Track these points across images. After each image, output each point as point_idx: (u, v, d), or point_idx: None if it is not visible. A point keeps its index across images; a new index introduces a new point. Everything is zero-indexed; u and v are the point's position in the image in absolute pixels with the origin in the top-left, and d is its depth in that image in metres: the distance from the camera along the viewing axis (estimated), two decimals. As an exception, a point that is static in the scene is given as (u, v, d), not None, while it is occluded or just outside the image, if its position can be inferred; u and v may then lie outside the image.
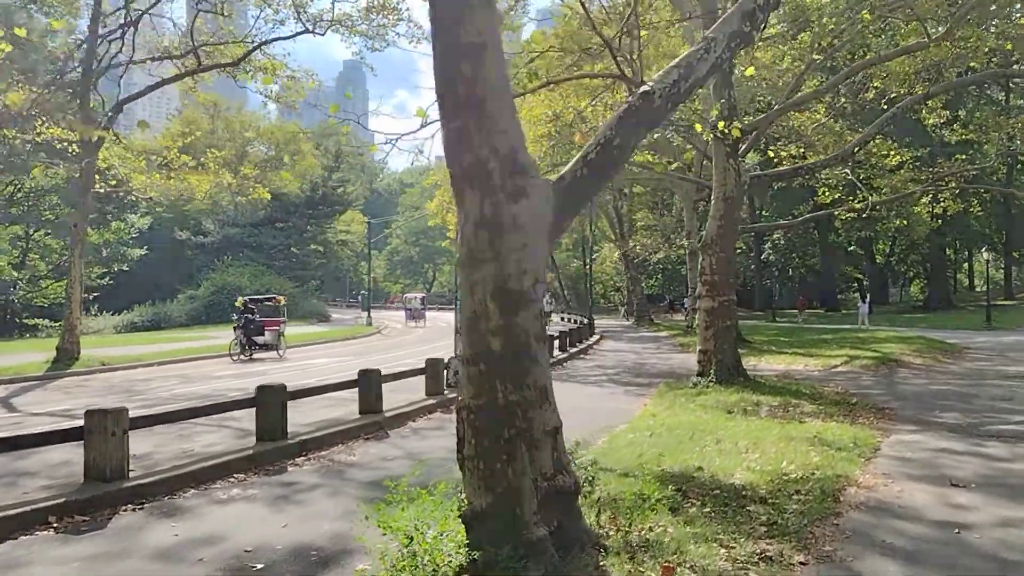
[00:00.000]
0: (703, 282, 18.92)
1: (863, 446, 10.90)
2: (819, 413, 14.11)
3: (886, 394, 17.33)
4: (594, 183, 6.38)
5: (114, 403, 18.04)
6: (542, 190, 6.11)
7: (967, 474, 9.44)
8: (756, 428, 12.51)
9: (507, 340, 5.86)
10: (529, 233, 5.96)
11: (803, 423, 13.07)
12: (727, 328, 18.78)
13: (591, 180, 6.32)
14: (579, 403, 16.97)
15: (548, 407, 6.05)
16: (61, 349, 25.93)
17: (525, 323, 5.91)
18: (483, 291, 5.91)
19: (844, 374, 21.54)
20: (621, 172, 6.64)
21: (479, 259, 5.93)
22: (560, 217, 6.22)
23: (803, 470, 9.18)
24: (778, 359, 25.72)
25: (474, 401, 5.94)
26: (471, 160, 5.97)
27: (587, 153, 6.37)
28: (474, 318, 5.96)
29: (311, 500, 9.01)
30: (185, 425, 13.34)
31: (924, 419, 13.83)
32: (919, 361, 24.11)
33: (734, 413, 14.54)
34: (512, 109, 6.17)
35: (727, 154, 18.59)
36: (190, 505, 8.86)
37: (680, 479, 8.99)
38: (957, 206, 30.90)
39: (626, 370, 24.47)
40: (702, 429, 12.64)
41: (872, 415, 14.14)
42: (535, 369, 5.96)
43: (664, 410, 15.31)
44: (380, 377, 14.53)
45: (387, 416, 14.22)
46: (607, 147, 6.34)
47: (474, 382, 5.95)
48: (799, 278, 77.75)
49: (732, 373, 18.60)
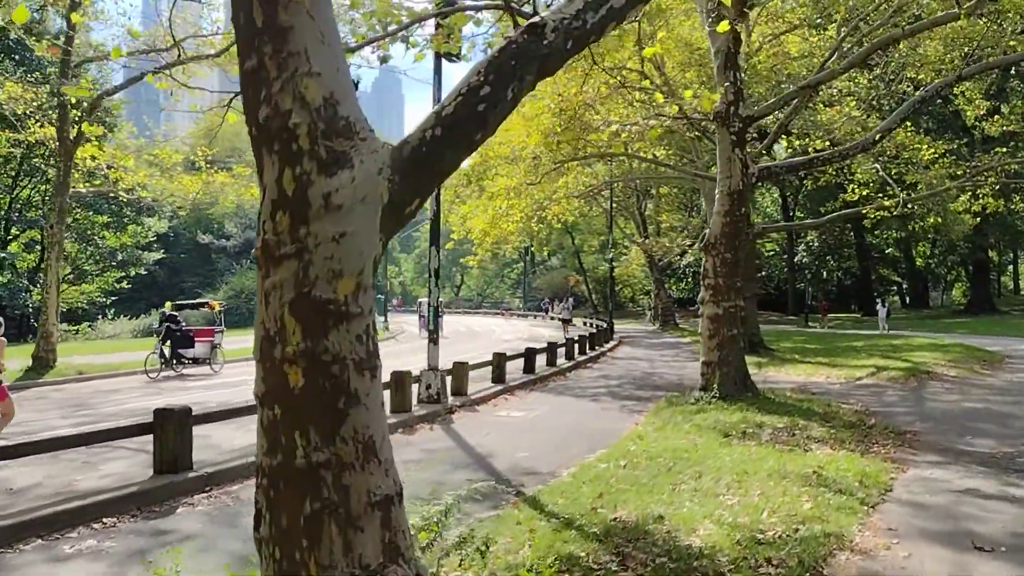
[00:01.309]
0: (706, 286, 16.98)
1: (871, 486, 8.94)
2: (828, 439, 12.14)
3: (911, 413, 15.29)
4: (453, 148, 4.52)
5: (57, 418, 16.59)
6: (374, 158, 4.32)
7: (996, 530, 7.47)
8: (749, 459, 10.59)
9: (312, 372, 4.08)
10: (350, 217, 4.18)
11: (806, 452, 11.13)
12: (733, 337, 16.81)
13: (448, 144, 4.48)
14: (563, 421, 15.17)
15: (376, 467, 4.23)
16: (36, 357, 24.53)
17: (341, 347, 4.12)
18: (279, 300, 4.14)
19: (868, 388, 19.45)
20: (493, 132, 5.05)
21: (276, 255, 4.16)
22: (403, 196, 4.40)
23: (785, 524, 7.27)
24: (799, 369, 23.63)
25: (267, 460, 4.17)
26: (268, 113, 4.21)
27: (443, 107, 4.54)
28: (268, 340, 4.18)
29: (167, 559, 7.26)
30: (102, 448, 11.77)
31: (951, 446, 11.81)
32: (953, 373, 21.91)
33: (731, 437, 12.63)
34: (336, 47, 4.38)
35: (732, 143, 16.63)
36: (18, 563, 7.16)
37: (629, 534, 7.16)
38: (998, 203, 28.52)
39: (631, 381, 22.56)
40: (687, 458, 10.79)
41: (890, 441, 12.14)
42: (356, 414, 4.16)
43: (654, 431, 13.44)
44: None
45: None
46: (471, 97, 4.51)
47: (267, 433, 4.18)
48: (836, 281, 75.17)
49: (739, 387, 16.64)
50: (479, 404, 17.40)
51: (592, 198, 46.63)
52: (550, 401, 18.35)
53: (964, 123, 39.92)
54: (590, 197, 44.94)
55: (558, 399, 18.77)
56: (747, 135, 17.11)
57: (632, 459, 10.96)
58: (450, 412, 15.95)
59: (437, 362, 16.27)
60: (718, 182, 17.04)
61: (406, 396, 15.09)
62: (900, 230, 55.37)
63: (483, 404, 17.48)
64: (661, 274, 57.97)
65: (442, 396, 16.12)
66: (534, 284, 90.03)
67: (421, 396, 16.07)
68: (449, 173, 4.71)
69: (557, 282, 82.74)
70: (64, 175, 25.18)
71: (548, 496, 9.01)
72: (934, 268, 71.07)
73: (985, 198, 28.20)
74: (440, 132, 4.46)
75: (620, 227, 61.89)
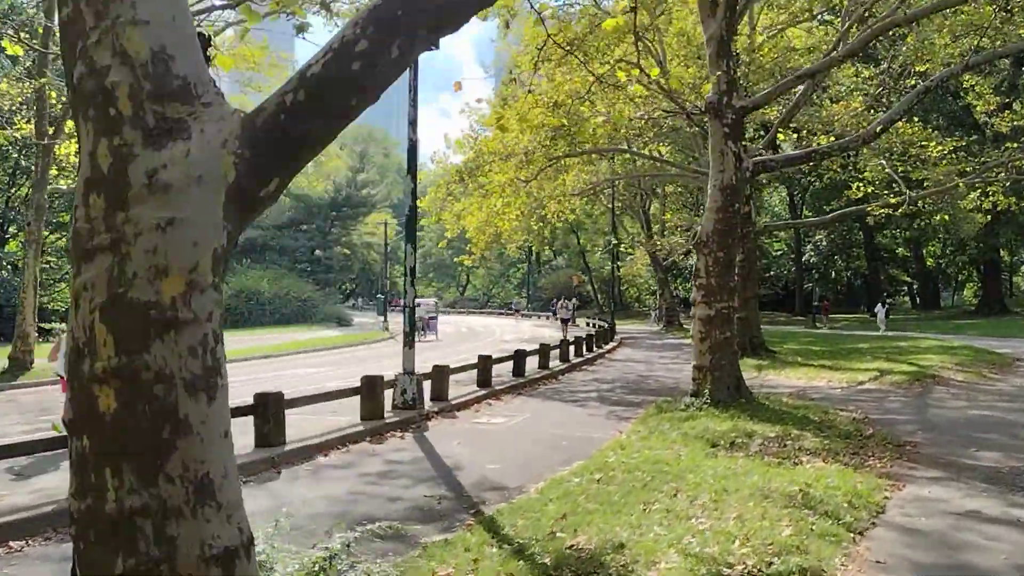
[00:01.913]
0: (698, 286, 16.11)
1: (861, 507, 8.08)
2: (821, 450, 11.27)
3: (913, 421, 14.40)
4: (322, 118, 3.66)
5: (16, 423, 15.85)
6: (218, 128, 3.48)
7: (998, 563, 6.61)
8: (732, 473, 9.75)
9: (128, 394, 3.24)
10: (181, 200, 3.34)
11: (795, 466, 10.28)
12: (726, 340, 15.96)
13: (314, 112, 3.62)
14: (544, 429, 14.34)
15: (215, 513, 3.38)
16: (12, 359, 23.85)
17: (166, 362, 3.28)
18: (89, 304, 3.31)
19: (870, 393, 18.55)
20: (374, 99, 4.29)
21: (88, 247, 3.33)
22: (255, 176, 3.55)
23: (759, 556, 6.42)
24: (800, 373, 22.71)
25: (76, 503, 3.34)
26: (82, 72, 3.38)
27: (308, 66, 3.69)
28: (76, 353, 3.35)
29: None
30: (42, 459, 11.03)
31: (954, 460, 10.93)
32: (960, 377, 20.98)
33: (718, 447, 11.81)
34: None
35: (725, 135, 15.75)
36: None
37: (582, 567, 6.36)
38: (1009, 201, 27.49)
39: (624, 385, 21.70)
40: (667, 471, 9.98)
41: (888, 454, 11.26)
42: (186, 446, 3.31)
43: (639, 440, 12.62)
44: (283, 402, 11.97)
45: (288, 450, 11.67)
46: (344, 55, 3.66)
47: (76, 470, 3.35)
48: (846, 281, 74.03)
49: (732, 393, 15.78)
50: (460, 409, 16.58)
51: (595, 197, 45.79)
52: (535, 407, 17.52)
53: (975, 120, 38.92)
54: (593, 196, 44.10)
55: (543, 404, 17.93)
56: (742, 127, 16.20)
57: (608, 472, 10.16)
58: (427, 418, 15.13)
59: (413, 366, 15.45)
60: (711, 176, 16.18)
61: (378, 403, 14.27)
62: (909, 229, 54.35)
63: (464, 410, 16.66)
64: (666, 274, 57.03)
65: (418, 402, 15.30)
66: (539, 284, 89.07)
67: (396, 402, 15.26)
68: (318, 148, 3.84)
69: (562, 282, 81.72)
70: (42, 171, 24.47)
71: (508, 516, 8.21)
72: (944, 268, 69.85)
73: (995, 195, 27.18)
74: (303, 97, 3.59)
75: (626, 227, 61.01)
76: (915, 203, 26.59)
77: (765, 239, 72.02)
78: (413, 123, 15.37)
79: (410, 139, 15.47)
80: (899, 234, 59.70)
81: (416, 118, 15.39)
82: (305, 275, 71.86)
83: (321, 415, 14.30)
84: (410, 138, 15.46)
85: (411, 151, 15.48)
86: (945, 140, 26.70)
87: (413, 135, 15.44)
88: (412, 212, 15.48)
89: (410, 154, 15.50)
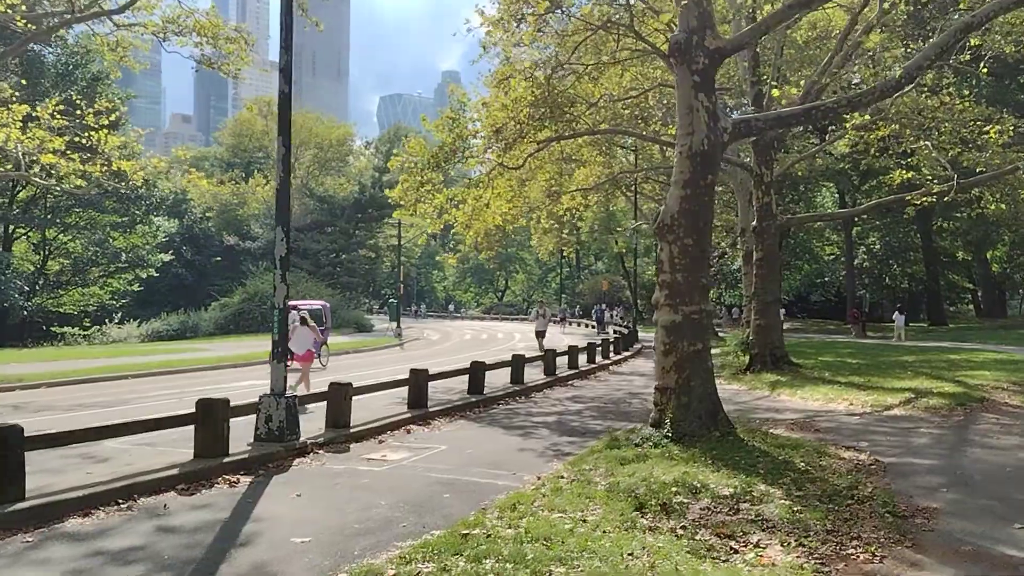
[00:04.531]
0: (660, 283, 12.35)
1: None
2: (784, 524, 7.52)
3: (938, 470, 10.47)
4: None
5: None
6: None
7: None
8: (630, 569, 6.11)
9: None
10: None
11: (732, 554, 6.60)
12: (697, 354, 12.19)
13: None
14: (440, 473, 10.71)
15: None
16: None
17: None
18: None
19: (895, 422, 14.56)
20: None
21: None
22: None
23: None
24: (818, 392, 18.64)
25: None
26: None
27: None
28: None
29: None
30: None
31: (983, 546, 7.08)
32: (1017, 401, 16.79)
33: (645, 511, 8.17)
34: None
35: (694, 85, 11.95)
36: None
37: None
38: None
39: (600, 407, 17.95)
40: (540, 559, 6.45)
41: (884, 531, 7.42)
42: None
43: (548, 494, 9.03)
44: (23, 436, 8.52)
45: (22, 508, 8.23)
46: None
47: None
48: (907, 288, 68.61)
49: (704, 423, 11.99)
50: (361, 439, 13.04)
51: (612, 193, 42.23)
52: (463, 435, 13.89)
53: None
54: (609, 191, 40.50)
55: (477, 432, 14.31)
56: (713, 75, 12.33)
57: (457, 557, 6.64)
58: (298, 454, 11.60)
59: (282, 385, 11.91)
60: (677, 140, 12.40)
61: (217, 435, 10.74)
62: (970, 232, 49.44)
63: (367, 439, 13.10)
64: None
65: (288, 432, 11.76)
66: (577, 289, 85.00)
67: (259, 432, 11.77)
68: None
69: (598, 288, 77.57)
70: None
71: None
72: (1011, 274, 64.17)
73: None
74: None
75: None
76: (966, 191, 22.30)
77: (816, 242, 67.46)
78: (285, 71, 11.88)
79: (281, 91, 11.97)
80: (959, 236, 54.58)
81: (289, 64, 11.91)
82: (328, 279, 68.93)
83: (142, 447, 10.94)
84: (281, 89, 11.96)
85: (282, 105, 11.96)
86: (1005, 118, 22.40)
87: (285, 86, 11.94)
88: (283, 185, 11.94)
89: (281, 109, 11.97)
